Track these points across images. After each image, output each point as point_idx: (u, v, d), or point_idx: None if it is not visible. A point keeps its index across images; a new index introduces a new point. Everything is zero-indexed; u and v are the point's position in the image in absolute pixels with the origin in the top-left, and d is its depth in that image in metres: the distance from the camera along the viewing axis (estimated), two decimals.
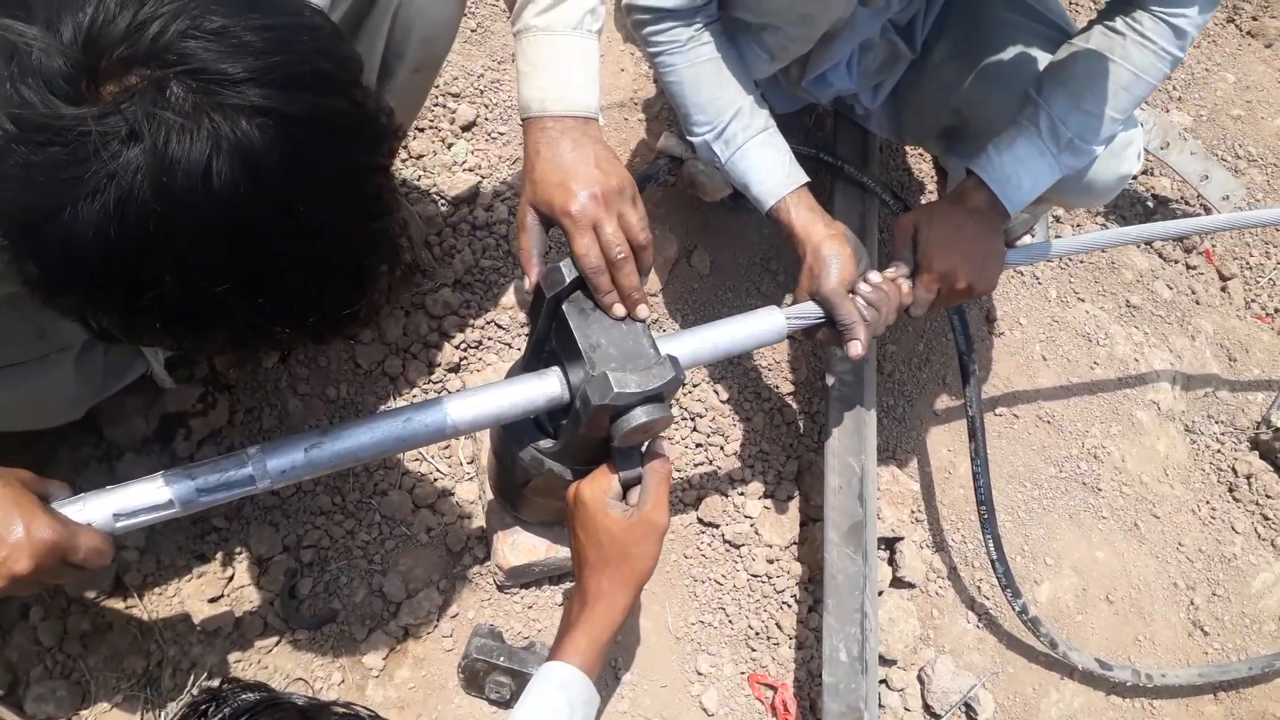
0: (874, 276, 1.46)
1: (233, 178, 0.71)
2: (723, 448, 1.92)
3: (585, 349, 1.18)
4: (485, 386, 1.21)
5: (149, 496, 1.05)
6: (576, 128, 1.25)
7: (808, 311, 1.44)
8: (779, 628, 1.79)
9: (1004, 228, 1.58)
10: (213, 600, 1.60)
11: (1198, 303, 2.39)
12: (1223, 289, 2.43)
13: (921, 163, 2.35)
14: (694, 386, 1.95)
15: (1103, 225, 2.42)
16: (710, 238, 2.10)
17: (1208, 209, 2.46)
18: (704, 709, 1.70)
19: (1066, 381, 2.19)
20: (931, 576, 1.92)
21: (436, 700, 1.62)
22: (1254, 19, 2.87)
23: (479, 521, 1.74)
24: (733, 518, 1.86)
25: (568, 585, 1.74)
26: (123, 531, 1.06)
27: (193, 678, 1.55)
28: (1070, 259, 2.35)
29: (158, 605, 1.59)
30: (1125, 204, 2.47)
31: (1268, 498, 2.16)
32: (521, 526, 1.66)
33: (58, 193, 0.69)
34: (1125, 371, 2.24)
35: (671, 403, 1.85)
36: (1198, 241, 2.44)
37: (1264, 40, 2.85)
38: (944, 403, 2.10)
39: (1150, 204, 2.48)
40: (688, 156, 1.95)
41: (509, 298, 1.93)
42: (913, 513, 1.95)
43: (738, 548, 1.84)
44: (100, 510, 1.04)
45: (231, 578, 1.63)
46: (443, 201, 1.98)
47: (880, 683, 1.76)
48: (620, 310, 1.22)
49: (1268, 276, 2.45)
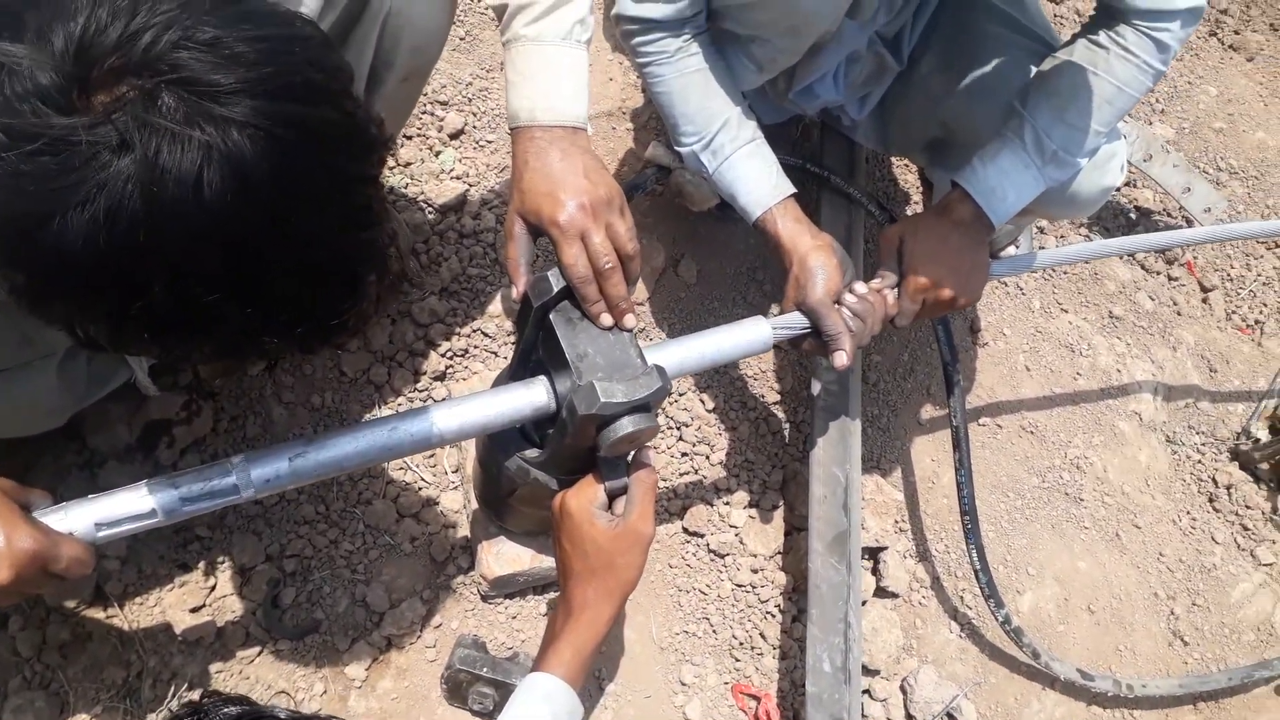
0: (859, 287, 1.47)
1: (223, 188, 0.71)
2: (708, 457, 1.92)
3: (572, 358, 1.18)
4: (472, 396, 1.21)
5: (132, 505, 1.04)
6: (565, 138, 1.25)
7: (794, 322, 1.45)
8: (763, 638, 1.79)
9: (989, 239, 1.59)
10: (194, 610, 1.59)
11: (1179, 314, 2.41)
12: (1204, 300, 2.45)
13: (907, 174, 2.36)
14: (680, 396, 1.96)
15: (1086, 237, 2.44)
16: (697, 247, 2.11)
17: (1190, 221, 2.49)
18: (687, 719, 1.70)
19: (1049, 392, 2.21)
20: (915, 586, 1.92)
21: (419, 711, 1.61)
22: (1236, 33, 2.90)
23: (463, 531, 1.74)
24: (718, 527, 1.86)
25: (552, 595, 1.73)
26: (105, 541, 1.05)
27: (173, 689, 1.54)
28: (1054, 270, 2.37)
29: (138, 615, 1.57)
30: (1108, 216, 2.49)
31: (1247, 508, 2.18)
32: (506, 536, 1.65)
33: (48, 202, 0.69)
34: (1108, 382, 2.26)
35: (658, 412, 1.85)
36: (1179, 253, 2.46)
37: (1246, 54, 2.88)
38: (928, 413, 2.10)
39: (1133, 216, 2.50)
40: (675, 166, 1.95)
41: (496, 306, 1.93)
42: (896, 522, 1.95)
43: (722, 557, 1.84)
44: (82, 519, 1.03)
45: (214, 587, 1.62)
46: (430, 209, 1.98)
47: (863, 693, 1.76)
48: (608, 320, 1.22)
49: (1248, 288, 2.47)
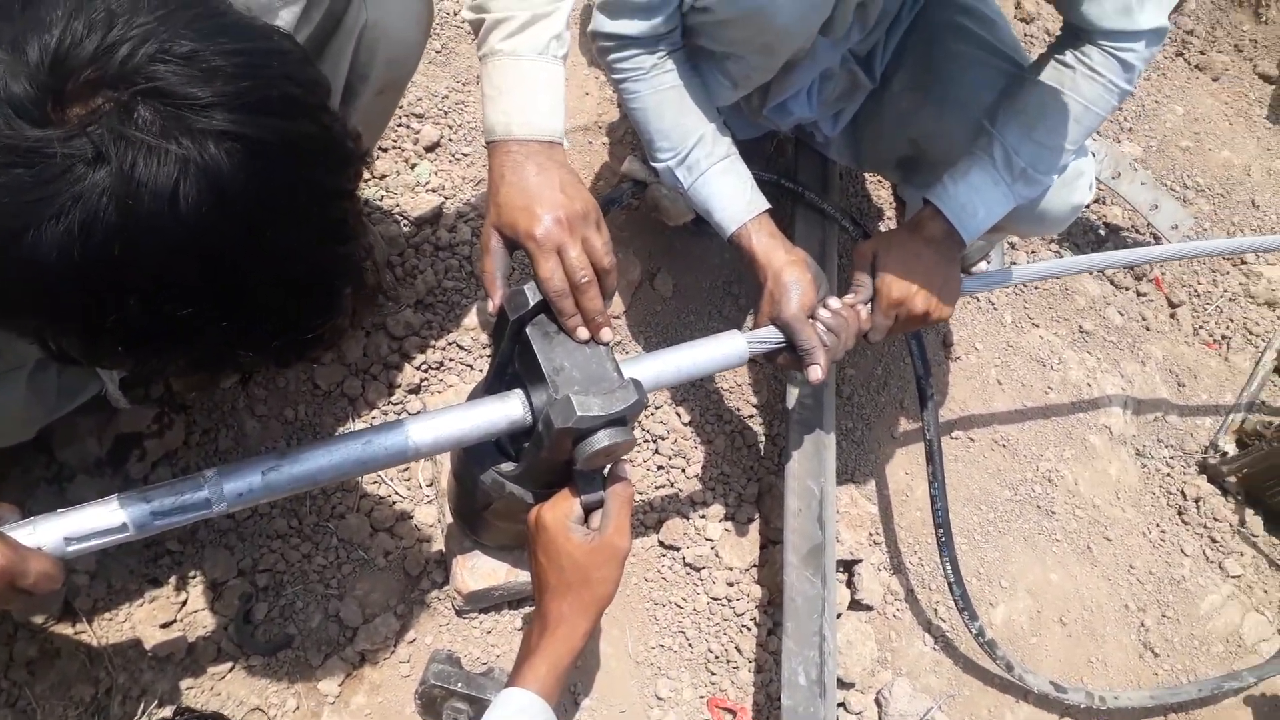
0: (833, 302, 1.48)
1: (199, 201, 0.71)
2: (684, 470, 1.92)
3: (548, 372, 1.18)
4: (447, 409, 1.20)
5: (102, 520, 1.03)
6: (541, 152, 1.26)
7: (769, 336, 1.46)
8: (739, 651, 1.79)
9: (960, 256, 1.61)
10: (165, 625, 1.57)
11: (1148, 329, 2.44)
12: (1172, 316, 2.48)
13: (881, 190, 2.38)
14: (656, 409, 1.96)
15: (1057, 253, 2.47)
16: (673, 261, 2.12)
17: (1157, 238, 2.53)
18: None
19: (1021, 406, 2.23)
20: (889, 599, 1.93)
21: None
22: (1202, 53, 2.96)
23: (438, 545, 1.73)
24: (694, 540, 1.86)
25: (527, 610, 1.73)
26: (74, 556, 1.04)
27: (143, 705, 1.51)
28: (1025, 285, 2.39)
29: (108, 631, 1.55)
30: (1078, 232, 2.52)
31: (1215, 520, 2.21)
32: (481, 550, 1.65)
33: (22, 214, 0.68)
34: (1078, 396, 2.28)
35: (634, 426, 1.85)
36: (1148, 269, 2.50)
37: (1211, 74, 2.94)
38: (902, 426, 2.12)
39: (1102, 232, 2.54)
40: (651, 181, 1.96)
41: (471, 319, 1.92)
42: (871, 535, 1.96)
43: (698, 570, 1.84)
44: (51, 534, 1.01)
45: (185, 602, 1.60)
46: (405, 222, 1.97)
47: (838, 706, 1.76)
48: (584, 334, 1.22)
49: (1215, 304, 2.51)
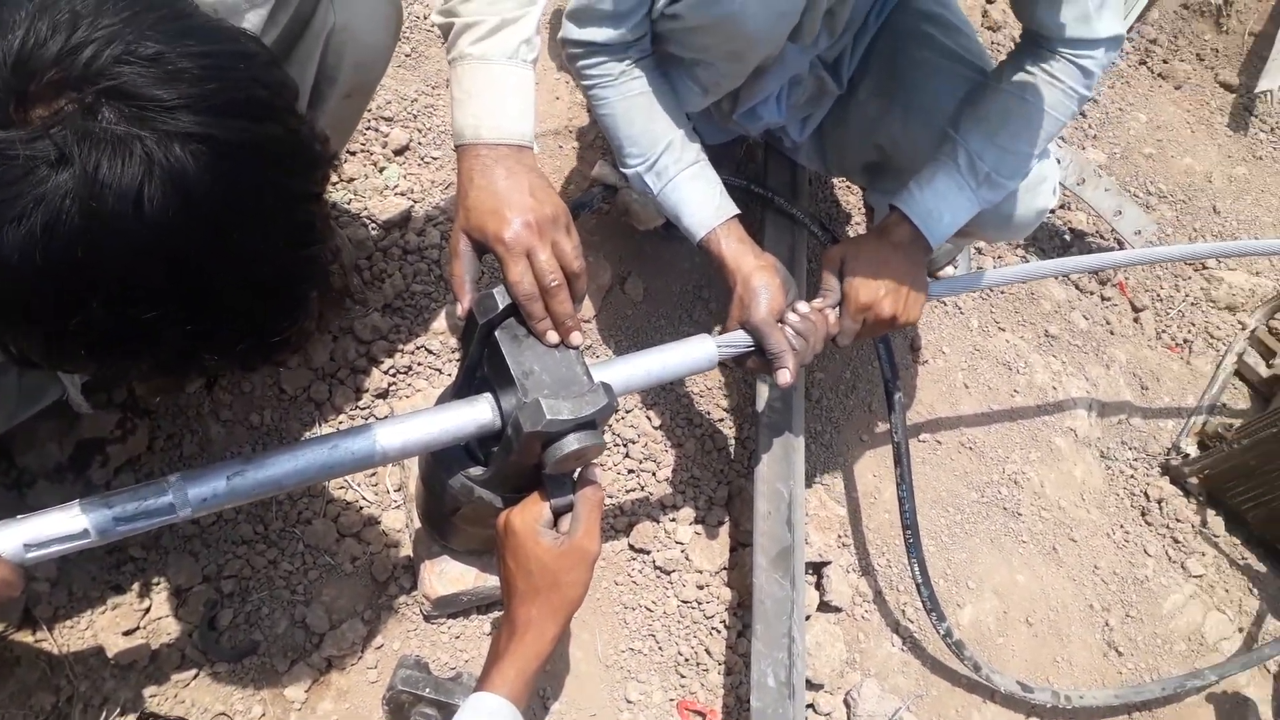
0: (802, 307, 1.49)
1: (164, 203, 0.70)
2: (655, 474, 1.92)
3: (518, 376, 1.18)
4: (415, 413, 1.20)
5: (63, 526, 1.02)
6: (510, 156, 1.26)
7: (738, 340, 1.47)
8: (708, 654, 1.79)
9: (927, 260, 1.63)
10: (128, 633, 1.55)
11: (1112, 333, 2.48)
12: (1135, 320, 2.52)
13: (849, 195, 2.40)
14: (626, 413, 1.96)
15: (1023, 258, 2.50)
16: (643, 265, 2.12)
17: (1121, 243, 2.56)
18: None
19: (987, 409, 2.25)
20: (858, 600, 1.94)
21: None
22: (1164, 62, 3.00)
23: (405, 550, 1.72)
24: (664, 544, 1.86)
25: (496, 614, 1.72)
26: (34, 562, 1.02)
27: (105, 714, 1.50)
28: (991, 290, 2.42)
29: (69, 639, 1.53)
30: (1044, 237, 2.56)
31: (1177, 521, 2.25)
32: (449, 555, 1.64)
33: None
34: (1044, 399, 2.31)
35: (604, 429, 1.86)
36: (1112, 274, 2.54)
37: (1174, 82, 2.99)
38: (870, 429, 2.13)
39: (1067, 237, 2.57)
40: (622, 185, 1.96)
41: (440, 323, 1.92)
42: (839, 537, 1.98)
43: (668, 574, 1.84)
44: (10, 540, 1.00)
45: (148, 609, 1.58)
46: (373, 225, 1.96)
47: (807, 707, 1.77)
48: (554, 337, 1.22)
49: (1177, 308, 2.55)
